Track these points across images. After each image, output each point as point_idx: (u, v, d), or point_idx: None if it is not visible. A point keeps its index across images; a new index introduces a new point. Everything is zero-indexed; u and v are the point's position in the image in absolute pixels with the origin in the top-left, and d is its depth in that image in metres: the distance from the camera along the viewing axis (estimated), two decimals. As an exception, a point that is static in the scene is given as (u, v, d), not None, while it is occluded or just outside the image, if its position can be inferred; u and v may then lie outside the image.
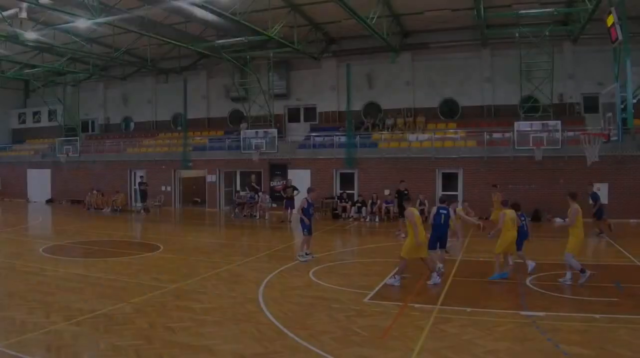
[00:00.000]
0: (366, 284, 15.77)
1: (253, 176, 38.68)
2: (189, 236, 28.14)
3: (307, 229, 20.34)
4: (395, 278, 15.90)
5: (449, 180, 35.80)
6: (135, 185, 44.78)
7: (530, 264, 17.33)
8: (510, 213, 16.60)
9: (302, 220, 20.53)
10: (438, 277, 16.03)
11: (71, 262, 20.06)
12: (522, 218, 17.70)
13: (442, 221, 17.38)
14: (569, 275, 15.90)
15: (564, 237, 16.93)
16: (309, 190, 21.79)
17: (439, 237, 17.50)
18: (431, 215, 18.08)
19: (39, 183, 50.34)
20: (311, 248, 20.78)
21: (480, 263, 19.31)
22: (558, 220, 30.43)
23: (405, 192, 27.10)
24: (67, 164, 48.44)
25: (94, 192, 43.85)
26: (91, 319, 12.22)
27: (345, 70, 40.23)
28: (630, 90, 20.95)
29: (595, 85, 34.61)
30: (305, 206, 20.66)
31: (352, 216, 35.27)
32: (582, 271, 15.40)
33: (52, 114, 53.17)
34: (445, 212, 17.59)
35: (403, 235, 23.16)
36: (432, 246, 16.98)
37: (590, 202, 25.79)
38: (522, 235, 17.32)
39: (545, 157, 32.79)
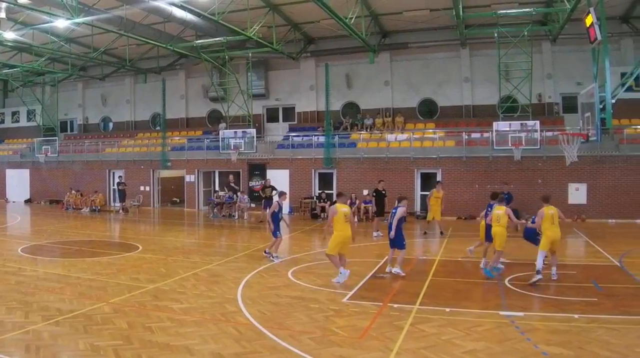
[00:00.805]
0: (345, 284, 15.40)
1: (231, 176, 37.92)
2: (167, 236, 27.44)
3: (275, 233, 19.92)
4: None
5: (428, 180, 35.09)
6: (114, 185, 44.09)
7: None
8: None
9: (274, 222, 20.02)
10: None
11: (50, 262, 19.54)
12: (489, 209, 17.59)
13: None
14: (554, 270, 15.83)
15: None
16: (281, 194, 21.33)
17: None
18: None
19: (17, 184, 49.34)
20: (278, 250, 20.32)
21: (459, 263, 19.19)
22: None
23: (383, 191, 27.03)
24: (46, 164, 47.69)
25: (73, 192, 43.13)
26: (70, 319, 11.93)
27: (323, 70, 39.24)
28: (609, 90, 20.74)
29: (574, 85, 34.94)
30: (277, 210, 20.13)
31: None
32: (538, 272, 15.22)
33: (30, 114, 52.26)
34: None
35: (381, 235, 23.35)
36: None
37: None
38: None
39: (524, 157, 32.47)
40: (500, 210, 16.45)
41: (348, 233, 15.92)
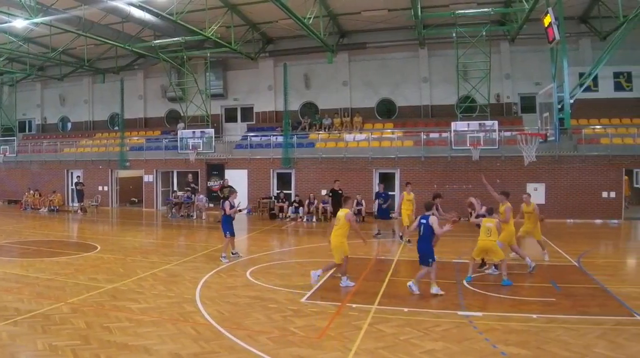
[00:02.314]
0: (303, 284, 15.13)
1: (190, 176, 36.89)
2: (126, 236, 26.72)
3: (230, 231, 19.39)
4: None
5: (387, 180, 33.86)
6: (72, 185, 42.85)
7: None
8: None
9: (225, 222, 19.53)
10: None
11: (8, 262, 19.02)
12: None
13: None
14: (528, 260, 16.45)
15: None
16: (231, 192, 21.21)
17: None
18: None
19: (-25, 184, 47.75)
20: (236, 248, 20.11)
21: (417, 263, 18.13)
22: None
23: (340, 191, 27.05)
24: (4, 164, 46.24)
25: (31, 192, 42.13)
26: (29, 319, 11.75)
27: (282, 70, 38.32)
28: (567, 90, 20.55)
29: (532, 85, 34.85)
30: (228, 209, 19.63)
31: (289, 216, 33.78)
32: (496, 266, 16.00)
33: (-12, 114, 50.78)
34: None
35: None
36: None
37: (379, 201, 25.39)
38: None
39: (483, 157, 31.84)
40: (490, 223, 15.29)
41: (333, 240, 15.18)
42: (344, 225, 14.80)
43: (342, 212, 15.13)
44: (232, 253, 19.53)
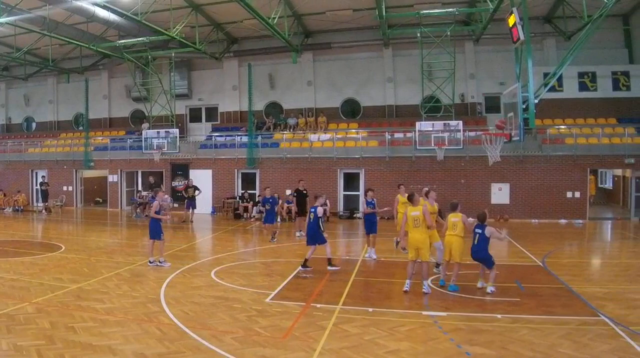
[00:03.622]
0: (268, 284, 15.09)
1: (150, 177, 36.19)
2: (90, 236, 25.97)
3: (156, 235, 18.14)
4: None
5: (351, 180, 33.76)
6: (36, 185, 41.45)
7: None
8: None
9: (155, 223, 18.24)
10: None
11: None
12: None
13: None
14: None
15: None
16: (157, 191, 20.74)
17: None
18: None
19: (-62, 184, 46.13)
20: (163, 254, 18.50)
21: (382, 263, 18.61)
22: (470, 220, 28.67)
23: (304, 191, 25.88)
24: (-32, 164, 44.46)
25: (-5, 192, 40.59)
26: None
27: (246, 70, 37.44)
28: (531, 90, 20.21)
29: (497, 85, 34.61)
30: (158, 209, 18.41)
31: (254, 216, 32.91)
32: (437, 266, 15.95)
33: (-48, 114, 49.02)
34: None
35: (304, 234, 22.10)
36: None
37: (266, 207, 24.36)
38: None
39: (447, 157, 31.13)
40: (456, 218, 14.57)
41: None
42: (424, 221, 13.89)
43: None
44: (160, 262, 17.80)
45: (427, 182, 30.25)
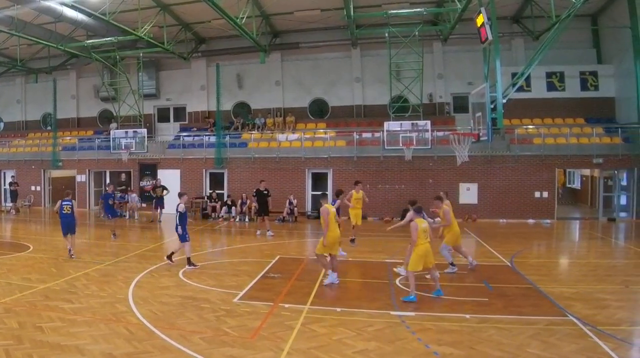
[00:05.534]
0: (236, 284, 14.89)
1: (123, 175, 35.45)
2: (58, 236, 24.03)
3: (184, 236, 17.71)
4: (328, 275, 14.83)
5: (319, 180, 33.15)
6: (5, 185, 40.51)
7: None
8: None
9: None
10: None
11: None
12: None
13: None
14: (470, 259, 16.43)
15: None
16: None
17: None
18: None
19: None
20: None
21: (350, 263, 18.39)
22: (430, 220, 28.30)
23: (265, 191, 25.48)
24: (-64, 164, 42.89)
25: (-36, 192, 38.92)
26: None
27: (215, 70, 36.45)
28: (500, 90, 20.36)
29: (465, 85, 33.95)
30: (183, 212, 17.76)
31: (222, 216, 32.54)
32: (452, 264, 15.92)
33: None
34: None
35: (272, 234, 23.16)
36: None
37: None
38: None
39: (415, 157, 30.58)
40: (425, 223, 13.70)
41: (338, 233, 14.92)
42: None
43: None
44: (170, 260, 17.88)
45: (394, 182, 30.24)
